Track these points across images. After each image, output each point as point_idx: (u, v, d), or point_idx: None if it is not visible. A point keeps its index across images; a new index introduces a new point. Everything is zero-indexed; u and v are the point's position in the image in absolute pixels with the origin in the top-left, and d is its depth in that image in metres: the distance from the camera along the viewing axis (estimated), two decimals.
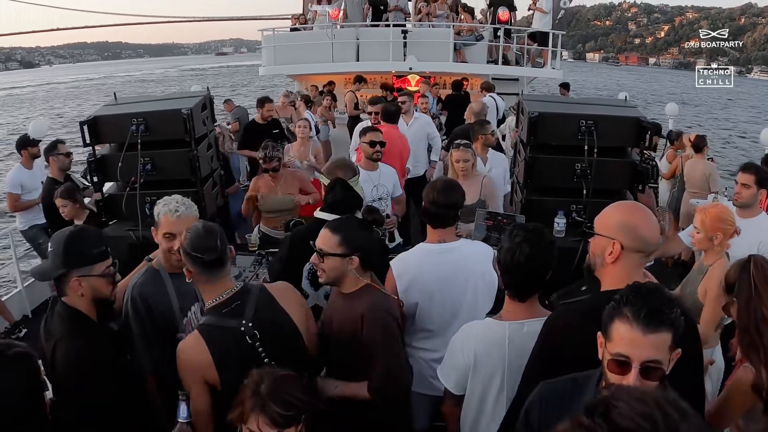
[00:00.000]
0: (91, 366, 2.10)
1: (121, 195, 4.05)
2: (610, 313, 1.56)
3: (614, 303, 1.56)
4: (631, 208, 1.99)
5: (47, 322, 2.24)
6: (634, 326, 1.48)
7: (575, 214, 3.95)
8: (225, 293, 2.21)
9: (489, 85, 9.33)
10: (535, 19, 11.75)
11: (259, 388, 1.68)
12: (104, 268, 2.25)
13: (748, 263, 2.38)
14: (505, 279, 2.23)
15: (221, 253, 2.16)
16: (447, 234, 2.87)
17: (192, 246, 2.14)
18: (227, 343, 2.14)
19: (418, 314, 2.85)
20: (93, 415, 2.04)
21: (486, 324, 2.28)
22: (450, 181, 3.08)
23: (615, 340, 1.53)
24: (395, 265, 2.87)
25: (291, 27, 13.34)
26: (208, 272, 2.16)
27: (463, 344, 2.27)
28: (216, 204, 4.54)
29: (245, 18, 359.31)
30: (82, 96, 50.65)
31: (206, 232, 2.16)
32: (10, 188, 5.73)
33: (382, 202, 4.58)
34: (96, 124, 4.06)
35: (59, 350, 2.11)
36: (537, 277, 2.20)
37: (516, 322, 2.21)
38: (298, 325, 2.30)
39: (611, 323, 1.55)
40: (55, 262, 2.20)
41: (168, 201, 2.69)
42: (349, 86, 10.96)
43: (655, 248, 1.93)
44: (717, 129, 29.96)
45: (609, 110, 4.25)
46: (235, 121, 9.43)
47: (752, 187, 3.72)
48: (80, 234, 2.25)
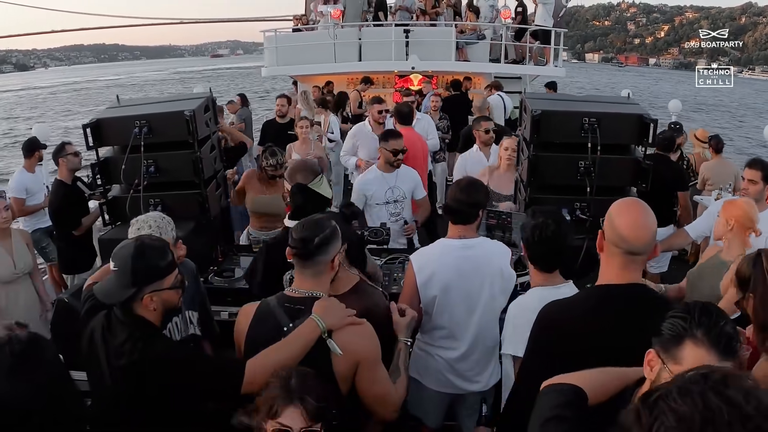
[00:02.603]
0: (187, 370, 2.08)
1: (124, 197, 4.05)
2: (679, 333, 1.48)
3: (683, 323, 1.48)
4: (625, 202, 2.01)
5: (108, 337, 2.13)
6: (712, 353, 1.43)
7: (579, 211, 3.94)
8: (302, 291, 2.19)
9: (497, 84, 9.33)
10: (538, 17, 11.76)
11: (290, 384, 1.71)
12: (173, 279, 2.17)
13: (759, 257, 2.35)
14: (533, 253, 2.49)
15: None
16: (467, 231, 2.93)
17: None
18: (268, 332, 2.14)
19: (436, 309, 2.89)
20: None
21: (537, 294, 2.46)
22: (474, 180, 3.13)
23: (687, 363, 1.44)
24: (415, 259, 2.94)
25: (293, 27, 13.39)
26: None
27: (528, 316, 2.30)
28: (220, 205, 4.54)
29: (242, 20, 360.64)
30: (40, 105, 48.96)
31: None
32: (15, 193, 5.68)
33: (398, 205, 4.55)
34: (99, 127, 4.07)
35: (152, 367, 2.03)
36: (560, 250, 2.48)
37: (551, 287, 2.45)
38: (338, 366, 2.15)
39: (681, 344, 1.47)
40: (123, 281, 2.06)
41: (141, 226, 2.63)
42: (352, 86, 10.97)
43: (637, 249, 1.91)
44: (721, 128, 29.90)
45: (612, 107, 4.24)
46: (241, 122, 9.47)
47: (759, 183, 3.73)
48: (144, 247, 2.11)
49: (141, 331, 2.07)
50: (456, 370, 2.94)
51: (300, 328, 2.07)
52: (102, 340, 2.12)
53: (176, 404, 2.04)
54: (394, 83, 12.20)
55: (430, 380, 2.98)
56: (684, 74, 79.60)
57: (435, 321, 2.92)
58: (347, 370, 2.09)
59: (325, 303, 2.13)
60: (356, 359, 2.08)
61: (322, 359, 2.05)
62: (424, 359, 3.00)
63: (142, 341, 2.04)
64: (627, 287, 1.95)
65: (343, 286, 2.44)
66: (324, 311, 2.08)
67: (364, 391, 2.12)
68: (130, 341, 2.03)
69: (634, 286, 1.97)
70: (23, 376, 1.67)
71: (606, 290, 1.98)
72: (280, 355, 2.03)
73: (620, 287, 1.94)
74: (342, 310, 2.12)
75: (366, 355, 2.11)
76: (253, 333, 2.18)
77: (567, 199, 3.97)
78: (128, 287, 2.06)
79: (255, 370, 2.00)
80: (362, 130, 6.28)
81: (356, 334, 2.12)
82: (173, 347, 2.21)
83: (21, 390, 1.66)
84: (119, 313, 2.12)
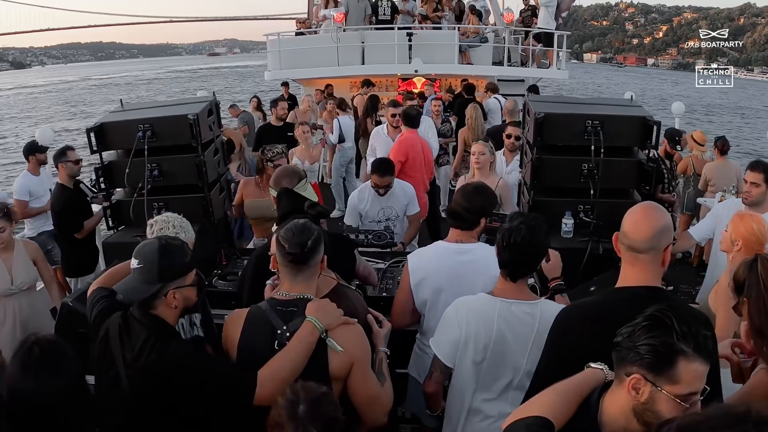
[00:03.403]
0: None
1: (128, 201, 4.06)
2: (668, 352, 1.41)
3: (667, 340, 1.41)
4: (639, 204, 2.04)
5: (125, 338, 2.15)
6: (701, 361, 1.40)
7: (583, 214, 3.95)
8: (293, 294, 2.19)
9: (493, 86, 9.33)
10: (540, 20, 11.78)
11: (297, 411, 1.64)
12: (194, 277, 2.23)
13: (755, 262, 2.35)
14: (501, 257, 2.38)
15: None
16: (465, 236, 2.95)
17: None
18: (261, 336, 2.14)
19: (428, 310, 2.91)
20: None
21: (479, 298, 2.43)
22: (482, 187, 3.14)
23: (685, 381, 1.40)
24: (411, 260, 2.99)
25: (296, 31, 13.41)
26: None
27: (458, 316, 2.42)
28: (224, 209, 4.55)
29: (241, 18, 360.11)
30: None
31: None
32: (19, 195, 5.71)
33: (390, 224, 4.56)
34: (102, 131, 4.08)
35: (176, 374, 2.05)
36: (530, 260, 2.39)
37: (506, 300, 2.38)
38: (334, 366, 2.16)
39: (673, 364, 1.40)
40: (149, 277, 2.11)
41: (164, 226, 2.64)
42: (354, 90, 10.97)
43: (635, 244, 1.92)
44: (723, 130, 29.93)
45: (615, 110, 4.25)
46: (243, 126, 9.47)
47: (761, 185, 3.72)
48: (169, 245, 2.18)
49: (159, 332, 2.11)
50: None
51: (299, 333, 2.08)
52: (119, 340, 2.14)
53: (185, 408, 2.04)
54: (397, 86, 12.19)
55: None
56: (683, 75, 79.56)
57: (429, 321, 2.93)
58: (342, 370, 2.11)
59: (317, 304, 2.15)
60: (352, 359, 2.11)
61: (319, 360, 2.07)
62: (422, 358, 3.00)
63: (160, 341, 2.08)
64: (647, 290, 1.92)
65: (320, 292, 2.44)
66: (318, 312, 2.11)
67: (357, 392, 2.13)
68: (149, 341, 2.07)
69: (655, 290, 1.94)
70: (48, 376, 1.79)
71: (625, 291, 1.97)
72: (287, 362, 2.04)
73: (638, 289, 1.93)
74: (335, 309, 2.15)
75: (360, 355, 2.14)
76: (246, 339, 2.18)
77: (570, 202, 3.97)
78: (154, 283, 2.11)
79: (265, 381, 2.02)
80: (379, 133, 6.58)
81: (350, 334, 2.15)
82: (191, 351, 2.22)
83: (46, 389, 1.78)
84: (137, 313, 2.15)
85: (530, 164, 4.09)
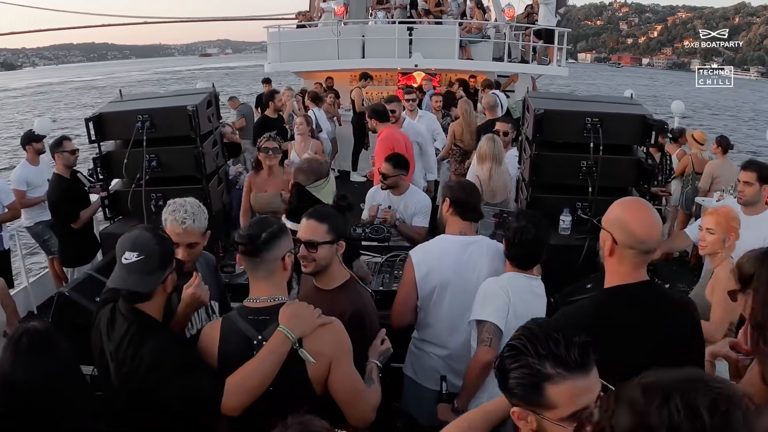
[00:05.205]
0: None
1: (126, 192, 4.05)
2: (531, 383, 1.32)
3: (526, 370, 1.32)
4: (629, 203, 1.99)
5: (110, 330, 2.13)
6: (575, 375, 1.30)
7: (580, 211, 3.98)
8: (263, 299, 2.12)
9: (490, 83, 9.34)
10: (541, 16, 11.78)
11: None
12: (175, 263, 2.22)
13: (766, 257, 2.25)
14: (512, 253, 2.67)
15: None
16: (467, 228, 2.98)
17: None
18: (237, 347, 2.09)
19: (433, 303, 2.90)
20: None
21: (510, 275, 2.68)
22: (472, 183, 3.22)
23: (563, 404, 1.30)
24: (415, 253, 2.96)
25: (297, 24, 13.37)
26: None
27: (500, 287, 2.59)
28: (222, 201, 4.54)
29: (233, 18, 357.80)
30: None
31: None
32: (16, 185, 5.67)
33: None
34: (101, 121, 4.06)
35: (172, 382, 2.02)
36: (537, 254, 2.68)
37: (528, 276, 2.70)
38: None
39: (541, 392, 1.31)
40: (153, 265, 2.08)
41: (177, 208, 2.59)
42: (354, 83, 10.96)
43: (651, 246, 1.92)
44: (722, 128, 29.97)
45: (615, 108, 4.27)
46: (242, 118, 9.48)
47: (755, 184, 3.73)
48: (159, 233, 2.18)
49: (139, 325, 2.08)
50: (451, 367, 2.92)
51: (270, 343, 2.00)
52: (107, 333, 2.14)
53: (148, 407, 2.04)
54: (397, 81, 12.18)
55: (425, 378, 2.97)
56: (678, 75, 79.68)
57: (432, 316, 2.93)
58: (321, 373, 2.05)
59: (289, 310, 2.05)
60: (328, 359, 2.05)
61: (297, 368, 2.01)
62: (419, 357, 3.00)
63: (138, 335, 2.05)
64: (642, 285, 1.95)
65: (333, 282, 2.43)
66: (290, 320, 2.01)
67: (336, 388, 2.07)
68: (128, 334, 2.06)
69: (649, 283, 1.99)
70: (37, 364, 1.79)
71: (624, 289, 1.96)
72: (255, 373, 1.98)
73: (635, 286, 1.94)
74: (309, 313, 2.05)
75: (336, 353, 2.06)
76: (223, 351, 2.11)
77: (568, 199, 4.00)
78: (161, 269, 2.11)
79: (231, 390, 1.97)
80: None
81: (326, 335, 2.07)
82: (166, 348, 2.09)
83: (36, 376, 1.77)
84: (122, 305, 2.13)
85: (529, 161, 4.11)
